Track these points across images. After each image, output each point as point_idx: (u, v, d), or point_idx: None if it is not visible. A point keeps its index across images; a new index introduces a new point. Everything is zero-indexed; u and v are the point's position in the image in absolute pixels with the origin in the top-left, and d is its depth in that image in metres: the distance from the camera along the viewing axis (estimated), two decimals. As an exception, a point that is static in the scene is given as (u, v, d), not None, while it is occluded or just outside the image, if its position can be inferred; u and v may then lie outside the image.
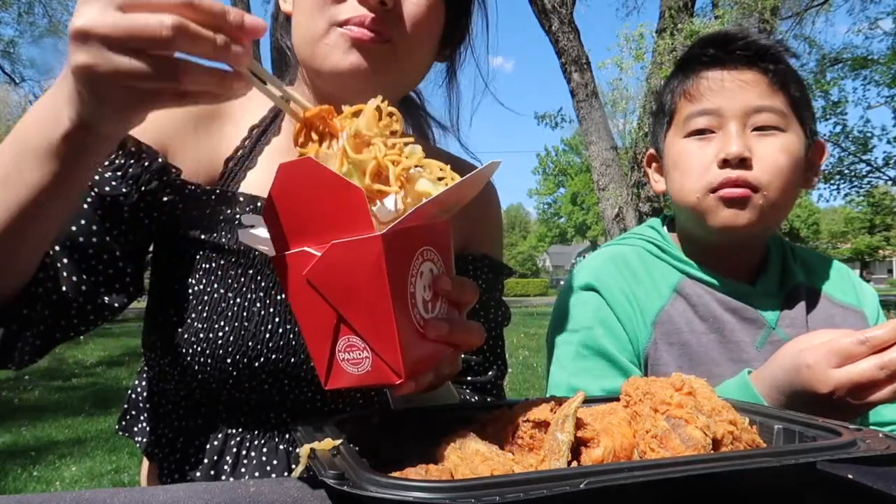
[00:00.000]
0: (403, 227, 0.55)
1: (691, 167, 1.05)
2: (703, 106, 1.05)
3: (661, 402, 0.58)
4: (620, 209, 8.18)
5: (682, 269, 1.12)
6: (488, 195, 1.04)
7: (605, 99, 11.20)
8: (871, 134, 16.52)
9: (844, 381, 0.77)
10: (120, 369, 8.22)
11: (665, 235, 1.18)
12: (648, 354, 1.07)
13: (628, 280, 1.10)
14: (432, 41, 0.86)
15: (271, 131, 0.91)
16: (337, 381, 0.58)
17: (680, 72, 1.12)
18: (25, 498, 0.50)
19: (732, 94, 1.04)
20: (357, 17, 0.76)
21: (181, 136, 0.86)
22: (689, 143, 1.07)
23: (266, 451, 0.85)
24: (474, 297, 0.66)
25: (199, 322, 0.82)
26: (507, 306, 1.03)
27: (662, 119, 1.14)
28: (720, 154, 1.02)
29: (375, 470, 0.44)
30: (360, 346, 0.56)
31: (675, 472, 0.44)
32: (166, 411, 0.88)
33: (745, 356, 1.06)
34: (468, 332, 0.64)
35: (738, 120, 1.03)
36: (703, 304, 1.08)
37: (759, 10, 8.68)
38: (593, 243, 51.31)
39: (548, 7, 8.02)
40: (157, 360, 0.86)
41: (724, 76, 1.05)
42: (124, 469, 4.19)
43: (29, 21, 19.03)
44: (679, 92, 1.10)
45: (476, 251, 0.99)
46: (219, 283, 0.83)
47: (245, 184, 0.87)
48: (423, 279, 0.60)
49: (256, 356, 0.81)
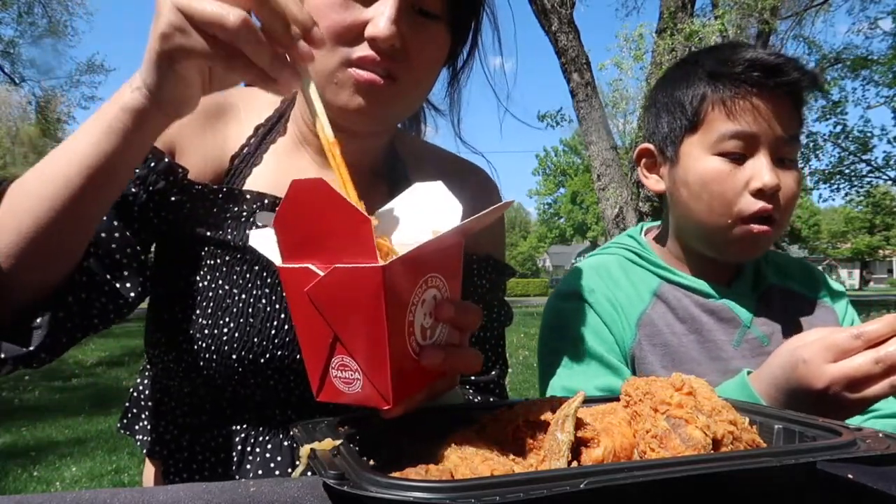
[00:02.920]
0: (408, 258, 0.55)
1: (725, 191, 1.03)
2: (741, 128, 1.03)
3: (661, 402, 0.58)
4: (620, 209, 8.17)
5: (660, 275, 1.16)
6: (493, 198, 1.04)
7: (605, 99, 11.21)
8: (871, 134, 16.54)
9: (840, 376, 0.77)
10: (120, 369, 8.22)
11: (643, 243, 1.21)
12: (634, 354, 1.10)
13: (610, 287, 1.13)
14: (437, 70, 0.87)
15: (276, 131, 0.92)
16: (328, 395, 0.59)
17: (714, 81, 1.06)
18: (25, 498, 0.50)
19: (769, 122, 1.03)
20: (368, 56, 0.76)
21: (188, 134, 0.87)
22: (722, 164, 1.04)
23: (271, 448, 0.85)
24: (477, 322, 0.66)
25: (204, 318, 0.82)
26: (509, 306, 1.04)
27: (681, 120, 1.09)
28: (755, 183, 1.01)
29: (375, 470, 0.44)
30: (353, 368, 0.57)
31: (675, 472, 0.44)
32: (170, 409, 0.88)
33: (724, 354, 1.10)
34: (464, 359, 0.64)
35: (769, 148, 1.03)
36: (681, 307, 1.11)
37: (758, 11, 8.68)
38: (593, 243, 51.31)
39: (548, 7, 8.01)
40: (162, 356, 0.87)
41: (766, 103, 1.03)
42: (124, 469, 4.19)
43: (29, 21, 19.05)
44: (714, 102, 1.06)
45: (480, 252, 0.99)
46: (224, 280, 0.84)
47: (250, 181, 0.88)
48: (425, 307, 0.60)
49: (262, 352, 0.82)
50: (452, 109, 1.01)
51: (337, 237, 0.55)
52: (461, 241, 0.66)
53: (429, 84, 0.87)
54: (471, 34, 0.90)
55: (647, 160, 1.19)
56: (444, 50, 0.84)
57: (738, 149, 1.03)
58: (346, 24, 0.75)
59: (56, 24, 19.13)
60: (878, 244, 46.88)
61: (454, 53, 0.92)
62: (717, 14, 8.80)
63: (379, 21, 0.74)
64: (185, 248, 0.86)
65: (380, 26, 0.74)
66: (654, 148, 1.17)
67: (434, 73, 0.86)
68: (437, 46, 0.82)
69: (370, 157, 0.93)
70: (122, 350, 9.77)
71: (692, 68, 1.12)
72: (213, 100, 0.88)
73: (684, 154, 1.09)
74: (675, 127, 1.11)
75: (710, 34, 8.01)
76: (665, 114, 1.13)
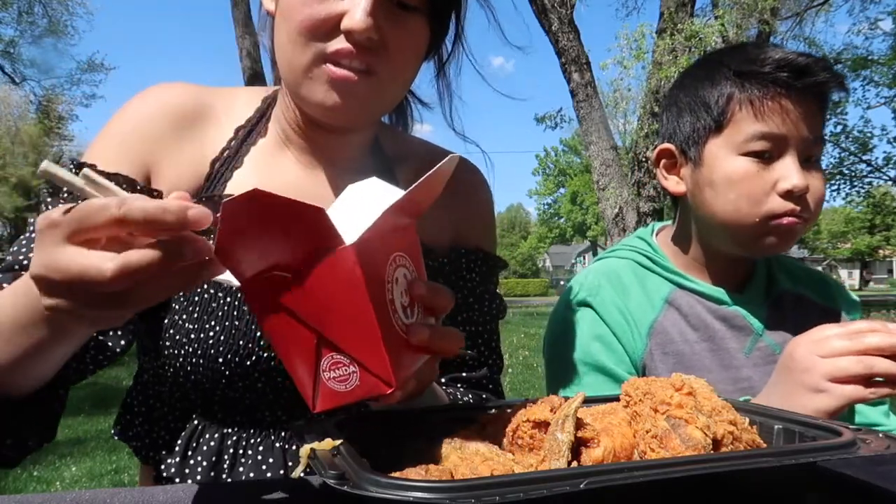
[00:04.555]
0: (372, 235, 0.54)
1: (753, 191, 1.02)
2: (769, 129, 1.01)
3: (661, 402, 0.58)
4: (620, 209, 8.17)
5: (673, 281, 1.14)
6: (475, 188, 1.02)
7: (606, 99, 11.21)
8: (871, 134, 16.53)
9: (829, 367, 0.79)
10: (120, 369, 8.20)
11: (655, 247, 1.18)
12: (645, 364, 1.08)
13: (620, 294, 1.12)
14: (417, 63, 0.85)
15: (257, 132, 0.91)
16: (325, 402, 0.57)
17: (741, 80, 1.04)
18: (25, 498, 0.50)
19: (797, 123, 1.02)
20: (344, 50, 0.74)
21: (163, 147, 0.85)
22: (749, 165, 1.02)
23: (262, 450, 0.85)
24: (449, 304, 0.65)
25: (189, 323, 0.82)
26: (501, 299, 1.02)
27: (706, 120, 1.07)
28: (784, 184, 1.00)
29: (375, 470, 0.44)
30: (346, 362, 0.55)
31: (675, 472, 0.44)
32: (162, 414, 0.88)
33: (735, 363, 1.09)
34: (447, 337, 0.63)
35: (797, 149, 1.02)
36: (694, 314, 1.10)
37: (759, 11, 8.68)
38: (593, 243, 51.31)
39: (548, 7, 8.01)
40: (151, 362, 0.87)
41: (794, 103, 1.02)
42: (124, 469, 4.19)
43: (29, 21, 19.03)
44: (741, 102, 1.03)
45: (468, 245, 0.98)
46: (209, 283, 0.83)
47: (231, 184, 0.87)
48: (399, 285, 0.59)
49: (248, 354, 0.81)
50: (443, 102, 0.99)
51: (294, 236, 0.52)
52: (413, 221, 0.65)
53: (408, 77, 0.85)
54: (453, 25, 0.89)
55: (666, 161, 1.15)
56: (423, 42, 0.82)
57: (765, 149, 1.02)
58: (320, 17, 0.74)
59: (56, 23, 19.11)
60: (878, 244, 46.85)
61: (437, 45, 0.90)
62: (718, 14, 8.80)
63: (355, 13, 0.73)
64: None
65: (355, 18, 0.72)
66: (674, 148, 1.13)
67: (413, 66, 0.84)
68: (416, 39, 0.80)
69: (352, 152, 0.92)
70: (122, 350, 9.76)
71: (717, 67, 1.09)
72: (188, 106, 0.87)
73: (709, 154, 1.07)
74: (698, 127, 1.08)
75: (710, 34, 8.01)
76: (688, 114, 1.10)
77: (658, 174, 1.17)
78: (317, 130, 0.86)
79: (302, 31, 0.75)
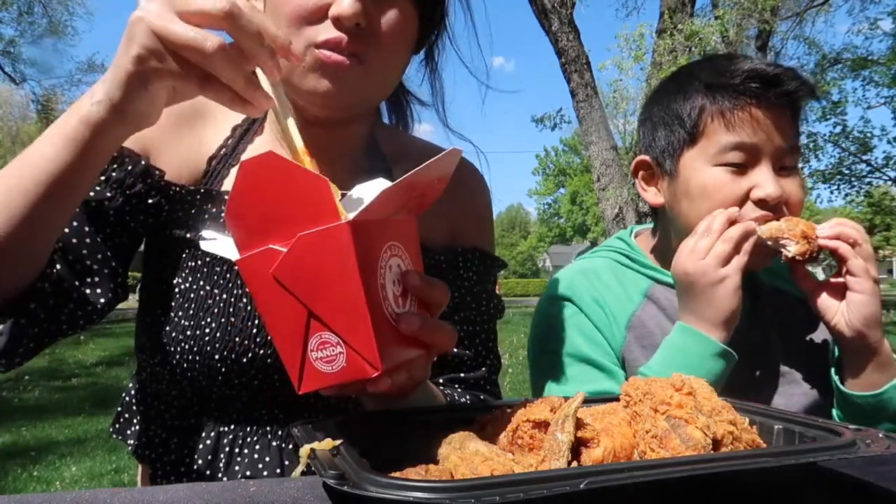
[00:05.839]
0: (369, 218, 0.54)
1: (727, 201, 1.03)
2: (742, 139, 1.02)
3: (661, 402, 0.58)
4: (620, 209, 8.17)
5: (651, 276, 1.15)
6: (473, 187, 1.02)
7: (606, 99, 11.21)
8: (871, 134, 16.52)
9: (713, 259, 0.96)
10: (120, 369, 8.21)
11: (633, 246, 1.21)
12: (624, 356, 1.10)
13: (599, 290, 1.13)
14: (407, 51, 0.85)
15: (254, 130, 0.92)
16: (311, 383, 0.57)
17: (712, 92, 1.05)
18: (25, 498, 0.50)
19: (769, 133, 1.02)
20: (333, 38, 0.75)
21: (163, 137, 0.86)
22: (722, 175, 1.03)
23: (259, 448, 0.85)
24: (445, 299, 0.65)
25: (186, 320, 0.82)
26: (499, 299, 1.02)
27: (680, 133, 1.08)
28: (758, 192, 1.01)
29: (375, 470, 0.44)
30: (333, 342, 0.55)
31: (675, 472, 0.44)
32: (158, 412, 0.88)
33: None
34: (440, 331, 0.63)
35: (770, 158, 1.03)
36: (673, 308, 1.10)
37: (759, 11, 8.68)
38: (593, 243, 51.27)
39: (548, 7, 8.01)
40: (148, 360, 0.87)
41: (765, 113, 1.03)
42: (124, 469, 4.19)
43: (29, 21, 19.03)
44: (713, 114, 1.05)
45: (465, 244, 0.98)
46: (205, 281, 0.84)
47: (228, 181, 0.87)
48: (392, 273, 0.58)
49: (244, 352, 0.81)
50: (435, 97, 1.00)
51: (295, 206, 0.53)
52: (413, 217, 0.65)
53: (398, 65, 0.86)
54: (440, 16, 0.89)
55: (644, 172, 1.17)
56: (411, 28, 0.83)
57: (739, 159, 1.03)
58: (309, 5, 0.75)
59: (56, 23, 19.13)
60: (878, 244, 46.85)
61: (426, 35, 0.90)
62: (718, 14, 8.80)
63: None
64: (166, 251, 0.86)
65: (343, 4, 0.73)
66: (651, 160, 1.15)
67: (403, 53, 0.85)
68: (405, 25, 0.81)
69: (349, 148, 0.92)
70: (121, 350, 9.76)
71: (688, 80, 1.10)
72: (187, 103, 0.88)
73: (684, 167, 1.08)
74: (672, 140, 1.09)
75: (710, 34, 8.01)
76: (662, 127, 1.11)
77: (637, 186, 1.19)
78: (313, 128, 0.87)
79: (291, 20, 0.75)
